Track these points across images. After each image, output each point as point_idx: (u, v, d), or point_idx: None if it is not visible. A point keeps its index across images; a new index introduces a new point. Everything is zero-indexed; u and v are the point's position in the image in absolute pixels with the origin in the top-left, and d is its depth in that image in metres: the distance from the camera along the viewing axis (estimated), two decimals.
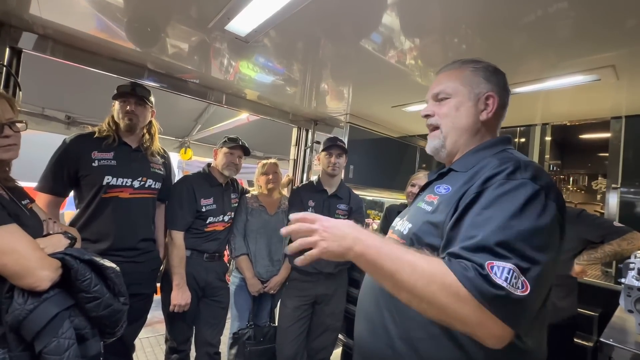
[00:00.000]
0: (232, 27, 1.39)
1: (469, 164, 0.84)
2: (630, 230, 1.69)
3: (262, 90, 2.31)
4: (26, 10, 1.40)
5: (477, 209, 0.69)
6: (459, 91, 0.87)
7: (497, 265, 0.59)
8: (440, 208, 0.79)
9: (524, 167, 0.71)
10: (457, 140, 0.89)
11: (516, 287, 0.58)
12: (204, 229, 1.89)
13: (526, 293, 0.58)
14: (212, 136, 4.05)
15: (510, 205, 0.65)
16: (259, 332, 2.09)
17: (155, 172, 1.72)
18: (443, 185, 0.85)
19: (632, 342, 1.13)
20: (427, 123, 0.94)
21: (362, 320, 0.95)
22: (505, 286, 0.57)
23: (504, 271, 0.59)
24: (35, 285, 0.88)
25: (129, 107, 1.60)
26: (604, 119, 2.35)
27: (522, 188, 0.67)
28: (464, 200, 0.73)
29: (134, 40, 1.64)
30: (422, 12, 1.22)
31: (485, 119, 0.87)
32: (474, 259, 0.61)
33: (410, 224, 0.87)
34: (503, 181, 0.69)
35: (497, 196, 0.68)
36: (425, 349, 0.75)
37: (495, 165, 0.74)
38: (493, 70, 0.89)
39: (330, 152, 2.01)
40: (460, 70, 0.90)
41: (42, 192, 1.48)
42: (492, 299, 0.58)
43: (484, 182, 0.71)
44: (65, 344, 0.88)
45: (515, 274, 0.59)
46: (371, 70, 1.78)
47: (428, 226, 0.80)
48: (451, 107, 0.88)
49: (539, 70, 1.61)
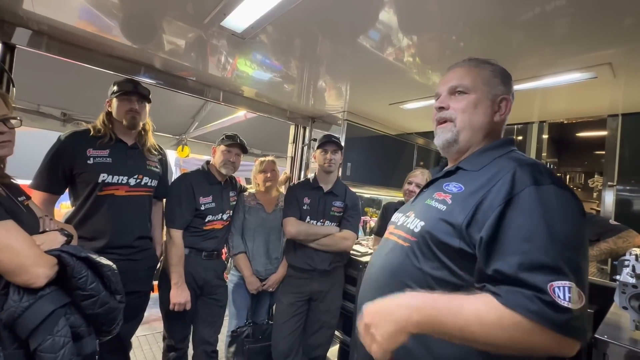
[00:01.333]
0: (228, 23, 1.38)
1: (479, 163, 0.85)
2: (626, 229, 1.71)
3: (259, 87, 2.30)
4: (19, 5, 1.38)
5: (517, 218, 0.68)
6: (478, 89, 0.88)
7: (558, 285, 0.60)
8: (457, 208, 0.79)
9: (542, 170, 0.73)
10: (470, 138, 0.89)
11: (576, 302, 0.59)
12: (202, 227, 1.89)
13: (584, 304, 0.60)
14: (209, 134, 4.04)
15: (551, 215, 0.66)
16: (257, 329, 2.10)
17: (151, 169, 1.71)
18: (453, 183, 0.85)
19: (626, 338, 1.14)
20: (438, 115, 0.94)
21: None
22: (570, 307, 0.58)
23: (566, 291, 0.59)
24: (31, 282, 0.88)
25: (133, 105, 1.59)
26: (601, 116, 2.35)
27: (552, 194, 0.68)
28: (492, 204, 0.72)
29: (129, 37, 1.63)
30: (420, 9, 1.21)
31: (497, 121, 0.89)
32: (533, 282, 0.61)
33: (422, 221, 0.85)
34: (533, 188, 0.69)
35: (533, 204, 0.68)
36: (435, 344, 0.76)
37: (509, 167, 0.75)
38: (507, 74, 0.92)
39: (325, 148, 2.01)
40: (480, 69, 0.90)
41: (37, 189, 1.46)
42: (563, 324, 0.59)
43: (511, 187, 0.71)
44: (61, 341, 0.88)
45: (573, 289, 0.60)
46: (369, 67, 1.77)
47: (444, 225, 0.79)
48: (470, 103, 0.88)
49: (536, 68, 1.61)
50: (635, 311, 1.16)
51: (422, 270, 0.81)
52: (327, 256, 2.00)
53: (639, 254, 1.23)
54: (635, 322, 1.17)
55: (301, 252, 2.00)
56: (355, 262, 2.32)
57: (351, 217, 2.09)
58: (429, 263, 0.80)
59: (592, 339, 1.15)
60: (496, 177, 0.76)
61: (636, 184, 2.29)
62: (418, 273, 0.82)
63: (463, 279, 0.77)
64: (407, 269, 0.84)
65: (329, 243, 1.98)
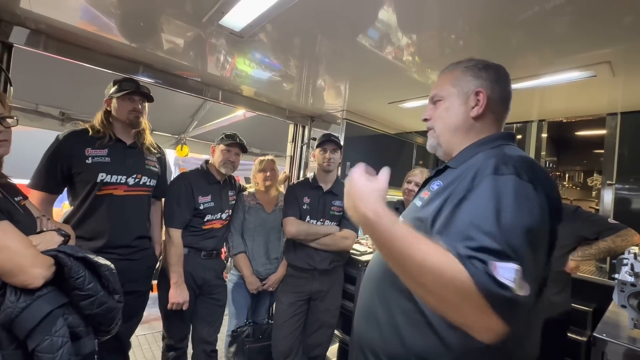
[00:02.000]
0: (226, 21, 1.37)
1: (460, 160, 0.86)
2: (625, 227, 1.71)
3: (258, 86, 2.30)
4: (17, 4, 1.37)
5: (469, 205, 0.69)
6: (449, 92, 0.91)
7: (502, 266, 0.60)
8: (429, 204, 0.81)
9: (509, 162, 0.72)
10: (450, 139, 0.91)
11: (519, 286, 0.59)
12: (201, 226, 1.88)
13: (526, 295, 0.59)
14: (208, 133, 4.03)
15: (502, 203, 0.65)
16: (257, 329, 2.10)
17: (150, 169, 1.70)
18: (437, 181, 0.87)
19: (625, 336, 1.14)
20: (426, 125, 0.99)
21: (360, 309, 0.98)
22: (511, 286, 0.58)
23: (511, 271, 0.59)
24: (28, 282, 0.88)
25: (136, 105, 1.61)
26: (600, 115, 2.35)
27: (509, 183, 0.67)
28: (454, 196, 0.73)
29: (127, 35, 1.62)
30: (419, 8, 1.21)
31: (476, 115, 0.87)
32: (480, 257, 0.61)
33: (402, 219, 0.90)
34: (491, 177, 0.69)
35: (486, 192, 0.68)
36: (407, 335, 0.78)
37: (481, 161, 0.76)
38: (483, 66, 0.89)
39: (324, 147, 2.01)
40: (452, 72, 0.93)
41: (35, 189, 1.46)
42: (497, 297, 0.58)
43: (473, 178, 0.72)
44: (59, 342, 0.88)
45: (518, 271, 0.59)
46: (368, 65, 1.77)
47: (416, 221, 0.81)
48: (442, 108, 0.92)
49: (535, 67, 1.61)
50: (634, 309, 1.16)
51: None
52: (327, 255, 1.99)
53: (638, 253, 1.23)
54: (634, 320, 1.17)
55: (301, 251, 1.99)
56: (355, 261, 2.32)
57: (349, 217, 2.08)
58: None
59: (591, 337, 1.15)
60: (467, 172, 0.77)
61: (635, 183, 2.29)
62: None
63: None
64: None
65: (329, 242, 1.98)
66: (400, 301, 0.80)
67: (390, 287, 0.84)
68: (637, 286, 1.14)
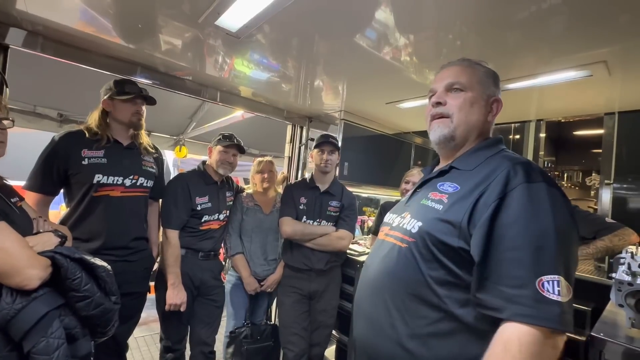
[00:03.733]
0: (222, 22, 1.37)
1: (473, 162, 0.86)
2: (622, 227, 1.71)
3: (256, 87, 2.30)
4: (12, 5, 1.37)
5: (507, 222, 0.71)
6: (474, 87, 0.90)
7: (546, 280, 0.64)
8: (455, 207, 0.80)
9: (534, 168, 0.76)
10: (466, 135, 0.91)
11: (565, 295, 0.64)
12: (199, 227, 1.88)
13: (571, 295, 0.64)
14: (207, 134, 4.02)
15: (542, 210, 0.70)
16: (255, 330, 2.09)
17: (147, 170, 1.70)
18: (447, 183, 0.86)
19: (622, 336, 1.14)
20: (434, 111, 0.94)
21: (363, 321, 0.94)
22: (560, 300, 0.63)
23: (555, 285, 0.64)
24: (24, 284, 0.87)
25: (139, 108, 1.63)
26: (598, 115, 2.36)
27: (545, 191, 0.72)
28: (487, 198, 0.75)
29: (124, 36, 1.62)
30: (416, 8, 1.21)
31: (490, 121, 0.91)
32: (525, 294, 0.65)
33: (419, 221, 0.85)
34: (525, 185, 0.72)
35: (526, 202, 0.71)
36: (436, 345, 0.78)
37: (505, 165, 0.78)
38: (497, 76, 0.94)
39: (322, 148, 2.01)
40: (475, 69, 0.92)
41: (31, 190, 1.45)
42: (555, 318, 0.62)
43: (505, 184, 0.74)
44: (55, 343, 0.88)
45: (562, 282, 0.64)
46: (365, 66, 1.77)
47: (442, 224, 0.80)
48: (466, 100, 0.89)
49: (532, 66, 1.61)
50: (631, 309, 1.16)
51: (421, 270, 0.81)
52: (324, 256, 1.99)
53: (635, 252, 1.24)
54: (631, 319, 1.17)
55: (298, 251, 1.99)
56: (353, 261, 2.32)
57: (347, 217, 2.08)
58: (428, 264, 0.81)
59: (589, 336, 1.15)
60: (492, 176, 0.77)
61: (633, 182, 2.29)
62: (417, 274, 0.82)
63: (461, 278, 0.77)
64: (406, 270, 0.84)
65: (325, 243, 1.98)
66: (423, 311, 0.80)
67: (408, 298, 0.82)
68: (634, 285, 1.14)
